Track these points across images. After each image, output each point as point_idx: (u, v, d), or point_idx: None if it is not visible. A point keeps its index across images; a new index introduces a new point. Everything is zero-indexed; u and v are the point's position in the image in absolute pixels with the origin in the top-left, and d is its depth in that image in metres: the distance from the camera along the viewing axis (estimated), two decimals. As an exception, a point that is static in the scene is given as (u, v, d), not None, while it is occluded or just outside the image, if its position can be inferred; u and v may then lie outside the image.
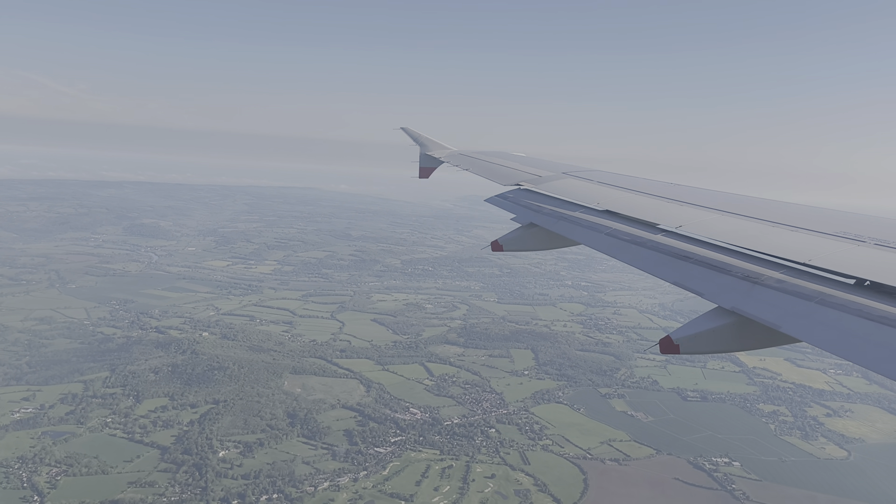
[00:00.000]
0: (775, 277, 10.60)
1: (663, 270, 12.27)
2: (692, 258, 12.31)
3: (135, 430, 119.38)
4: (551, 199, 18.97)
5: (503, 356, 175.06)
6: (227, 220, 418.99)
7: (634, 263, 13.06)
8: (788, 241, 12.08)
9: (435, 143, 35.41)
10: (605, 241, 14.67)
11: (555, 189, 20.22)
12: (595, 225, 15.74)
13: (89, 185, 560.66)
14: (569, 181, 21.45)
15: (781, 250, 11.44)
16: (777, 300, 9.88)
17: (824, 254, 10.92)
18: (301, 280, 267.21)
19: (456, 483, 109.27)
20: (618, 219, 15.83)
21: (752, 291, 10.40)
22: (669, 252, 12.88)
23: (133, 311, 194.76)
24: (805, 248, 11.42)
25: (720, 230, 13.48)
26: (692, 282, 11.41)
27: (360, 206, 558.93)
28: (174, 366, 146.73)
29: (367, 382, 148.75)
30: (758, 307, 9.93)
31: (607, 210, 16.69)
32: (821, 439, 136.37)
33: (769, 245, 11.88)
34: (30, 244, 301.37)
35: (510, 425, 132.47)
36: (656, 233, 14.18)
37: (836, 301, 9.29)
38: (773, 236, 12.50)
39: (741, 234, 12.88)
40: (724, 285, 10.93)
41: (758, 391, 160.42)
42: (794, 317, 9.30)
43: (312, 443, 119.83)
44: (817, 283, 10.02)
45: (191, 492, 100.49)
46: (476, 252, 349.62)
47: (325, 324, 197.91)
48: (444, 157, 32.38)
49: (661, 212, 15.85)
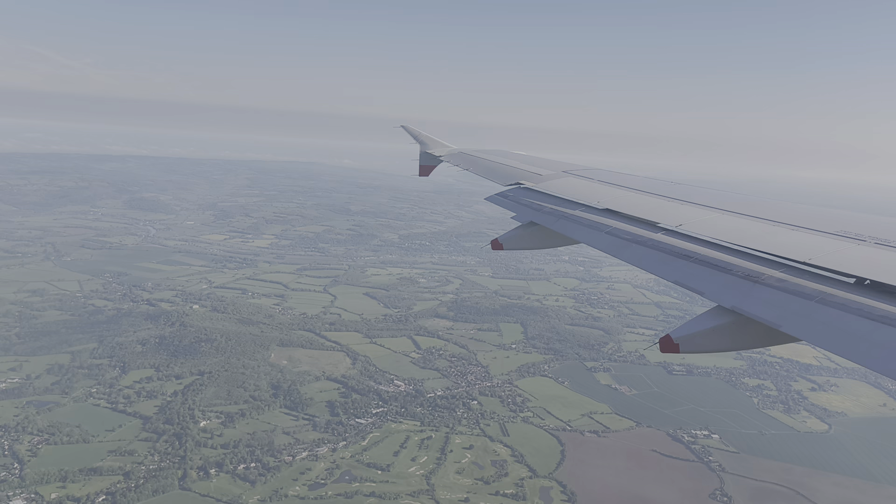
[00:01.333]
0: (776, 276, 10.64)
1: (664, 269, 12.35)
2: (693, 257, 12.36)
3: (118, 400, 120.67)
4: (551, 198, 19.06)
5: (492, 330, 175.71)
6: (228, 195, 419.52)
7: (635, 262, 13.14)
8: (789, 240, 12.13)
9: (435, 142, 35.45)
10: (605, 239, 14.75)
11: (555, 188, 20.30)
12: (595, 224, 15.82)
13: (92, 159, 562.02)
14: (569, 180, 21.50)
15: (782, 249, 11.50)
16: (777, 299, 9.94)
17: (824, 253, 10.98)
18: (297, 254, 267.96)
19: (434, 454, 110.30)
20: (618, 217, 15.91)
21: (752, 290, 10.45)
22: (670, 251, 12.95)
23: (126, 284, 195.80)
24: (805, 247, 11.47)
25: (721, 229, 13.54)
26: (693, 281, 11.53)
27: (363, 181, 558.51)
28: (162, 337, 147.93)
29: (353, 355, 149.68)
30: (758, 306, 10.00)
31: (607, 209, 16.75)
32: (803, 413, 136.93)
33: (769, 244, 11.95)
34: (28, 217, 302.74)
35: (493, 398, 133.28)
36: (657, 231, 14.25)
37: (837, 300, 9.32)
38: (773, 235, 12.55)
39: (742, 233, 12.95)
40: (724, 284, 11.01)
41: (745, 365, 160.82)
42: (795, 316, 9.35)
43: (294, 414, 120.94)
44: (818, 283, 10.07)
45: (169, 460, 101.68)
46: (473, 227, 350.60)
47: (317, 297, 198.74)
48: (443, 155, 32.54)
49: (661, 210, 15.92)
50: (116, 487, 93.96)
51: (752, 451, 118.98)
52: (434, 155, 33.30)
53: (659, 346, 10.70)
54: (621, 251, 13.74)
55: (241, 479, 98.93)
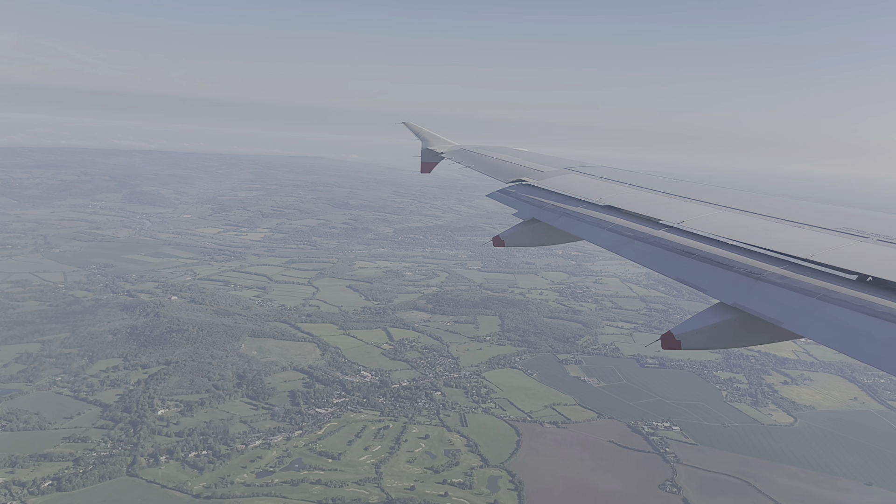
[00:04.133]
0: (778, 273, 10.63)
1: (666, 266, 12.32)
2: (694, 254, 12.34)
3: (82, 388, 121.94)
4: (553, 195, 19.10)
5: (469, 322, 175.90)
6: (229, 189, 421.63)
7: (637, 259, 13.10)
8: (791, 236, 12.13)
9: (436, 138, 35.37)
10: (607, 236, 14.72)
11: (557, 184, 20.29)
12: (597, 220, 15.78)
13: (98, 154, 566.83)
14: (571, 176, 21.50)
15: (784, 246, 11.51)
16: (779, 296, 9.93)
17: (827, 250, 10.98)
18: (289, 247, 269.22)
19: (388, 443, 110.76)
20: (620, 214, 15.88)
21: (754, 287, 10.45)
22: (672, 248, 12.92)
23: (110, 276, 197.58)
24: (807, 243, 11.49)
25: (722, 226, 13.55)
26: (694, 277, 11.50)
27: (366, 176, 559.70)
28: (133, 328, 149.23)
29: (324, 346, 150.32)
30: (760, 303, 9.98)
31: (609, 205, 16.78)
32: (770, 406, 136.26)
33: (771, 241, 11.95)
34: (26, 210, 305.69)
35: (457, 389, 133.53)
36: (658, 228, 14.22)
37: (839, 297, 9.32)
38: (775, 232, 12.54)
39: (744, 230, 12.95)
40: (726, 281, 11.00)
41: (720, 358, 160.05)
42: (797, 313, 9.35)
43: (255, 403, 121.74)
44: (820, 279, 10.06)
45: (122, 447, 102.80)
46: (470, 221, 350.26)
47: (300, 289, 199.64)
48: (445, 152, 32.44)
49: (663, 207, 15.87)
50: (64, 473, 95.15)
51: (712, 442, 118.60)
52: (436, 152, 33.18)
53: (661, 343, 10.70)
54: (623, 248, 13.79)
55: (191, 466, 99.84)
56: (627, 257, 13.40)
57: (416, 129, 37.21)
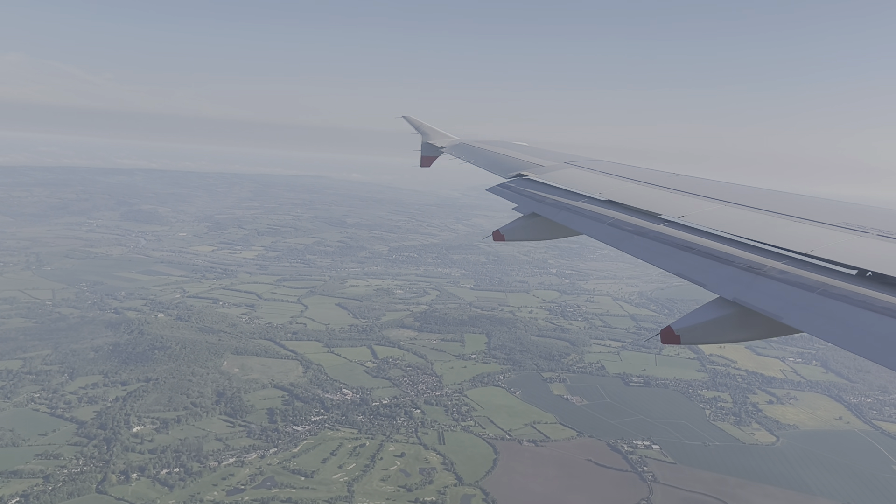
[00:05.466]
0: (777, 268, 10.60)
1: (665, 261, 12.32)
2: (694, 248, 12.31)
3: (59, 405, 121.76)
4: (553, 189, 19.04)
5: (456, 340, 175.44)
6: (227, 207, 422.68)
7: (636, 254, 13.10)
8: (791, 231, 12.11)
9: (436, 132, 35.35)
10: (607, 231, 14.70)
11: (557, 179, 20.22)
12: (597, 215, 15.75)
13: (99, 172, 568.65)
14: (571, 171, 21.43)
15: (784, 241, 11.49)
16: (779, 291, 9.91)
17: (826, 244, 10.94)
18: (282, 265, 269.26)
19: (363, 461, 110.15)
20: (620, 209, 15.83)
21: (753, 282, 10.42)
22: (672, 242, 12.88)
23: (99, 293, 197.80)
24: (807, 238, 11.46)
25: (723, 220, 13.52)
26: (694, 272, 11.46)
27: (366, 195, 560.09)
28: (116, 345, 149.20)
29: (307, 364, 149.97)
30: (759, 298, 9.97)
31: (609, 200, 16.68)
32: (753, 425, 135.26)
33: (771, 236, 11.94)
34: (23, 228, 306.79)
35: (438, 406, 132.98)
36: (659, 223, 14.18)
37: (838, 292, 9.31)
38: (775, 227, 12.53)
39: (744, 225, 12.93)
40: (725, 276, 10.96)
41: (706, 378, 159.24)
42: (796, 308, 9.35)
43: (232, 420, 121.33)
44: (819, 274, 10.03)
45: (93, 464, 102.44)
46: (466, 240, 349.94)
47: (288, 307, 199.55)
48: (445, 146, 32.31)
49: (663, 202, 15.84)
50: (33, 490, 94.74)
51: (691, 461, 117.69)
52: (436, 146, 32.98)
53: (660, 338, 10.70)
54: (623, 242, 13.75)
55: (161, 483, 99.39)
56: (627, 252, 13.39)
57: (415, 123, 37.10)
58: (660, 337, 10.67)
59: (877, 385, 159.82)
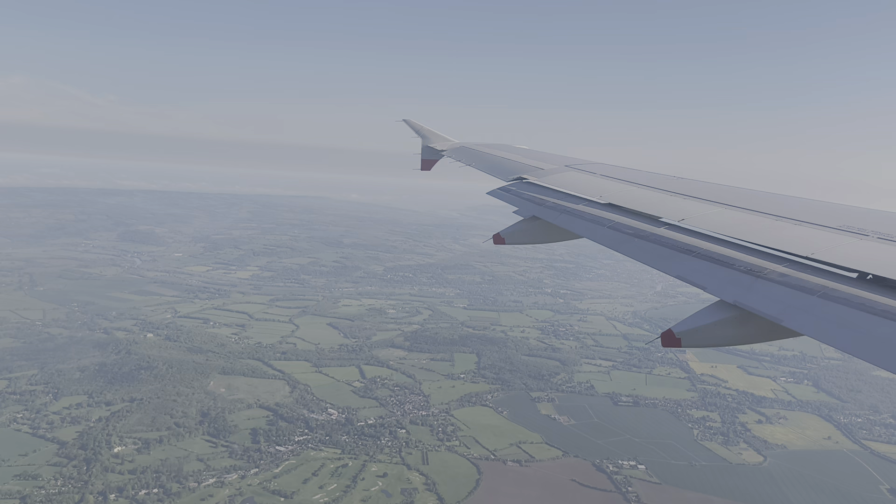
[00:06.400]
0: (778, 271, 10.60)
1: (665, 264, 12.32)
2: (695, 252, 12.30)
3: (41, 425, 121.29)
4: (554, 192, 19.10)
5: (445, 360, 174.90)
6: (225, 228, 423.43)
7: (637, 257, 13.09)
8: (791, 234, 12.09)
9: (437, 136, 35.31)
10: (607, 234, 14.69)
11: (557, 182, 20.26)
12: (597, 218, 15.79)
13: (99, 193, 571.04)
14: (571, 174, 21.41)
15: (784, 244, 11.49)
16: (779, 294, 9.92)
17: (827, 247, 10.92)
18: (276, 285, 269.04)
19: (345, 481, 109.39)
20: (620, 212, 15.84)
21: (754, 285, 10.43)
22: (672, 245, 12.90)
23: (90, 313, 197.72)
24: (808, 241, 11.45)
25: (723, 224, 13.52)
26: (694, 275, 11.48)
27: (364, 215, 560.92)
28: (102, 365, 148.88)
29: (293, 383, 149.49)
30: (760, 301, 9.98)
31: (610, 203, 16.68)
32: (741, 445, 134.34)
33: (772, 238, 11.93)
34: (19, 249, 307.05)
35: (423, 426, 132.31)
36: (659, 226, 14.20)
37: (839, 295, 9.30)
38: (775, 230, 12.51)
39: (744, 228, 12.93)
40: (726, 279, 10.97)
41: (696, 397, 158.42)
42: (796, 310, 9.34)
43: (214, 441, 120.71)
44: (820, 277, 10.03)
45: (72, 485, 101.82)
46: (462, 259, 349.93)
47: (279, 327, 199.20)
48: (445, 149, 32.23)
49: (663, 205, 15.82)
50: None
51: (676, 482, 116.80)
52: (436, 149, 32.93)
53: (661, 341, 10.67)
54: (623, 245, 13.77)
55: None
56: (628, 255, 13.37)
57: (416, 127, 36.94)
58: (661, 340, 10.66)
59: (868, 405, 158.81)
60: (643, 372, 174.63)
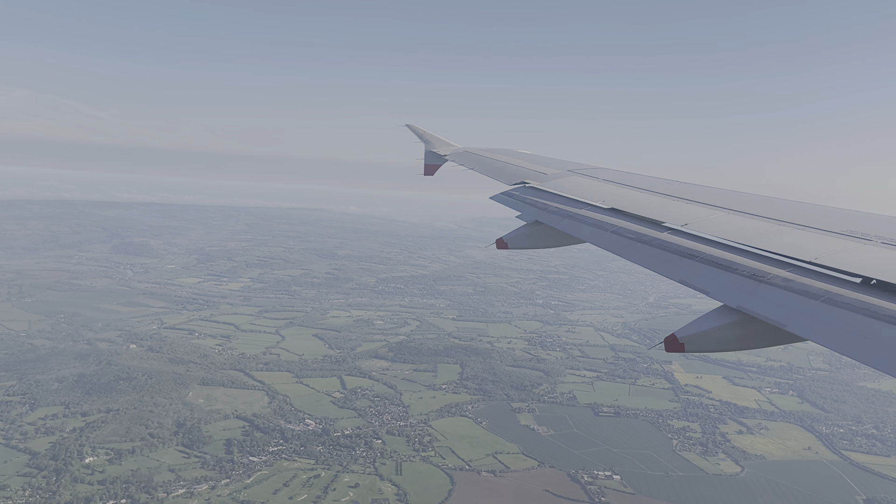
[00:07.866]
0: (781, 276, 10.57)
1: (668, 269, 12.31)
2: (698, 256, 12.29)
3: (15, 436, 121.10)
4: (557, 197, 19.08)
5: (429, 370, 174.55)
6: (220, 240, 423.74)
7: (640, 262, 13.08)
8: (795, 239, 12.04)
9: (440, 141, 35.36)
10: (610, 238, 14.67)
11: (560, 187, 20.29)
12: (600, 223, 15.78)
13: (97, 206, 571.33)
14: (574, 179, 21.43)
15: (788, 249, 11.46)
16: (783, 299, 9.89)
17: (831, 252, 10.90)
18: (266, 297, 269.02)
19: (315, 492, 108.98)
20: (623, 217, 15.86)
21: (757, 290, 10.41)
22: (675, 250, 12.90)
23: (75, 324, 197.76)
24: (811, 246, 11.39)
25: (726, 228, 13.53)
26: (697, 280, 11.48)
27: (361, 227, 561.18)
28: (81, 375, 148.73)
29: (273, 394, 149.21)
30: (763, 306, 9.97)
31: (613, 208, 16.72)
32: (720, 455, 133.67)
33: (775, 243, 11.89)
34: (11, 261, 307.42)
35: (400, 437, 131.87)
36: (662, 231, 14.20)
37: (843, 300, 9.27)
38: (779, 235, 12.49)
39: (747, 233, 12.92)
40: (729, 284, 10.97)
41: (678, 408, 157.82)
42: (800, 316, 9.33)
43: (188, 451, 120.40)
44: (824, 282, 10.00)
45: (39, 495, 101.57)
46: (456, 271, 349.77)
47: (265, 338, 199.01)
48: (448, 154, 32.27)
49: (667, 210, 15.83)
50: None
51: (651, 492, 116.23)
52: (439, 154, 32.94)
53: (664, 346, 10.67)
54: (626, 250, 13.75)
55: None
56: (631, 259, 13.33)
57: (419, 132, 36.84)
58: (664, 345, 10.62)
59: (851, 415, 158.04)
60: (627, 382, 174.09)
